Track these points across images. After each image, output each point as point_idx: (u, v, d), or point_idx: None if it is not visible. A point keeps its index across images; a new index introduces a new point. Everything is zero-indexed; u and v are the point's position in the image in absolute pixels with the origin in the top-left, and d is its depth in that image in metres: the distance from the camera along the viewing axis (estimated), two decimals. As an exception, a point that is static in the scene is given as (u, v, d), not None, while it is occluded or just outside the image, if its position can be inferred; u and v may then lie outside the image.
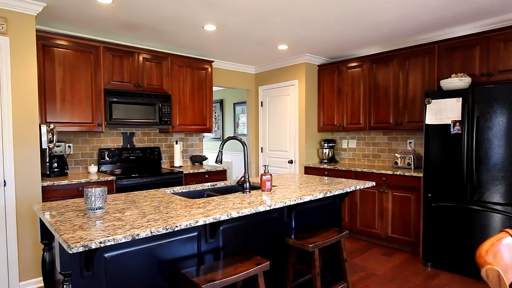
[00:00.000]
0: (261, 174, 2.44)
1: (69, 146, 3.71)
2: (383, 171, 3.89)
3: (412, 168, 3.97)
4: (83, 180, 3.23)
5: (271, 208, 2.01)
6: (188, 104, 4.34)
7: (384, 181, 3.90)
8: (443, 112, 3.22)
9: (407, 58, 3.95)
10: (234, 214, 1.82)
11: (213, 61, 4.57)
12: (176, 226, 1.57)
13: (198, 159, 4.65)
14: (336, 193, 2.47)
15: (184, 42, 4.11)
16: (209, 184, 2.81)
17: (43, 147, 3.09)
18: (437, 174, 3.28)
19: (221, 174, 4.35)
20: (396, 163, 4.13)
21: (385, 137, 4.53)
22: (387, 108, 4.15)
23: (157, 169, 4.16)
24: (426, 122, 3.34)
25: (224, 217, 1.76)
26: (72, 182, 3.16)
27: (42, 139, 3.08)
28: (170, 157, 4.55)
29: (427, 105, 3.34)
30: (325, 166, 4.54)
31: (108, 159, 3.91)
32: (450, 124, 3.17)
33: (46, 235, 1.99)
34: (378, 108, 4.24)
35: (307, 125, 4.85)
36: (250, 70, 5.51)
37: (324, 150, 4.87)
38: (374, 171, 3.96)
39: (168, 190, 2.53)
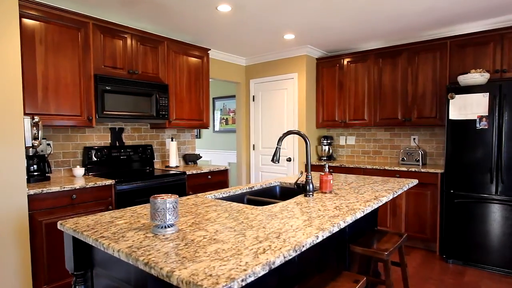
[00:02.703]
0: (322, 175, 2.14)
1: (49, 144, 3.02)
2: (396, 168, 3.81)
3: (420, 164, 3.96)
4: (77, 186, 2.62)
5: (364, 213, 1.72)
6: (184, 96, 3.84)
7: (398, 177, 3.82)
8: (468, 107, 3.20)
9: (416, 53, 3.92)
10: (342, 224, 1.50)
11: (210, 49, 4.11)
12: (303, 246, 1.20)
13: (192, 158, 4.17)
14: (398, 193, 2.27)
15: (183, 25, 3.61)
16: (246, 187, 2.43)
17: (26, 144, 2.42)
18: (460, 170, 3.27)
19: (223, 174, 3.93)
20: (403, 159, 4.10)
21: (387, 133, 4.49)
22: (394, 103, 4.09)
23: (152, 170, 3.61)
24: (450, 118, 3.31)
25: (335, 229, 1.43)
26: (64, 189, 2.54)
27: (26, 135, 2.41)
28: (162, 156, 4.00)
29: (450, 100, 3.31)
30: (327, 163, 4.35)
31: (95, 159, 3.27)
32: (475, 120, 3.16)
33: (82, 264, 1.47)
34: (384, 103, 4.17)
35: (306, 121, 4.63)
36: (240, 62, 5.12)
37: (323, 147, 4.70)
38: (387, 168, 3.87)
39: (209, 196, 2.11)
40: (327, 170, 2.14)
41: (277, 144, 2.11)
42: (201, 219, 1.53)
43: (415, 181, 2.65)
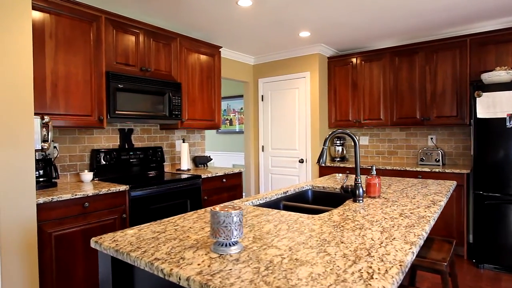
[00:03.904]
0: (369, 178, 1.96)
1: (55, 147, 2.75)
2: (417, 169, 3.68)
3: (441, 164, 3.84)
4: (89, 193, 2.36)
5: (435, 221, 1.55)
6: (197, 95, 3.62)
7: (420, 179, 3.68)
8: (497, 105, 3.08)
9: (435, 51, 3.80)
10: (424, 235, 1.31)
11: (221, 47, 3.90)
12: (406, 266, 1.01)
13: (202, 160, 3.94)
14: (448, 196, 2.11)
15: (197, 21, 3.39)
16: (281, 191, 2.22)
17: (36, 147, 2.16)
18: (489, 170, 3.14)
19: (238, 177, 3.72)
20: (422, 159, 3.97)
21: (402, 133, 4.36)
22: (412, 102, 3.96)
23: (163, 174, 3.37)
24: (477, 116, 3.19)
25: (421, 241, 1.25)
26: (76, 196, 2.29)
27: (35, 136, 2.15)
28: (171, 158, 3.76)
29: (477, 99, 3.19)
30: (342, 164, 4.19)
31: (104, 162, 3.01)
32: (505, 118, 3.05)
33: (124, 289, 1.24)
34: (402, 102, 4.03)
35: (319, 121, 4.46)
36: (248, 61, 4.92)
37: (337, 148, 4.54)
38: (408, 168, 3.72)
39: (247, 203, 1.90)
40: (374, 173, 1.97)
41: (323, 145, 1.92)
42: (260, 233, 1.32)
43: (453, 183, 2.51)
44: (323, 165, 1.93)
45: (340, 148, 4.53)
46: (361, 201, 1.86)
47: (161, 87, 3.13)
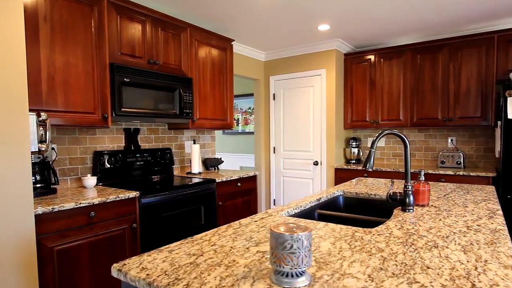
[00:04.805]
0: (418, 183, 1.71)
1: (53, 149, 2.46)
2: (440, 172, 3.45)
3: (462, 167, 3.62)
4: (95, 201, 2.08)
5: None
6: (208, 92, 3.35)
7: (444, 182, 3.46)
8: (534, 105, 2.87)
9: (459, 49, 3.58)
10: (528, 260, 1.07)
11: (234, 40, 3.64)
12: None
13: (213, 163, 3.67)
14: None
15: (210, 10, 3.13)
16: (314, 198, 1.97)
17: (32, 149, 1.88)
18: (525, 174, 2.93)
19: (253, 181, 3.46)
20: (443, 162, 3.74)
21: (420, 135, 4.13)
22: (434, 103, 3.73)
23: (171, 177, 3.10)
24: (508, 117, 2.97)
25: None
26: (81, 205, 2.00)
27: (30, 137, 1.87)
28: (181, 161, 3.49)
29: (508, 98, 2.97)
30: (359, 167, 3.95)
31: (108, 165, 2.73)
32: (544, 118, 2.83)
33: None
34: (423, 103, 3.81)
35: (336, 122, 4.22)
36: (259, 57, 4.66)
37: (353, 150, 4.30)
38: (430, 171, 3.50)
39: (282, 213, 1.64)
40: (423, 178, 1.72)
41: (371, 147, 1.67)
42: (321, 254, 1.06)
43: (492, 188, 2.28)
44: (370, 170, 1.68)
45: (356, 150, 4.29)
46: (411, 210, 1.62)
47: (171, 82, 2.86)
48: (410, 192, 1.63)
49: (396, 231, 1.31)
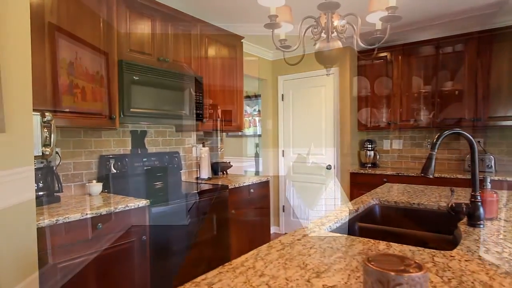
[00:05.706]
0: (484, 193, 1.50)
1: (57, 153, 2.26)
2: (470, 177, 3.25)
3: (493, 171, 3.42)
4: (103, 211, 1.88)
5: None
6: (218, 92, 3.16)
7: (501, 190, 3.26)
8: None
9: (488, 43, 3.38)
10: None
11: (243, 37, 3.45)
12: None
13: (222, 167, 3.47)
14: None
15: (220, 4, 2.93)
16: (352, 209, 1.76)
17: (35, 153, 1.68)
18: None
19: (265, 187, 3.25)
20: (470, 165, 3.54)
21: (440, 136, 3.93)
22: (459, 102, 3.54)
23: (180, 183, 2.90)
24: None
25: None
26: (87, 216, 1.80)
27: (34, 140, 1.67)
28: (188, 165, 3.28)
29: (545, 96, 2.78)
30: (377, 171, 3.75)
31: (114, 171, 2.53)
32: None
33: None
34: (447, 102, 3.60)
35: (350, 123, 4.02)
36: (266, 56, 4.47)
37: (368, 153, 4.10)
38: (459, 176, 3.30)
39: (325, 228, 1.43)
40: (489, 186, 1.51)
41: (431, 150, 1.47)
42: None
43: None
44: (430, 176, 1.48)
45: (371, 153, 4.10)
46: (481, 226, 1.40)
47: (182, 81, 2.66)
48: (479, 203, 1.42)
49: (486, 256, 1.09)
